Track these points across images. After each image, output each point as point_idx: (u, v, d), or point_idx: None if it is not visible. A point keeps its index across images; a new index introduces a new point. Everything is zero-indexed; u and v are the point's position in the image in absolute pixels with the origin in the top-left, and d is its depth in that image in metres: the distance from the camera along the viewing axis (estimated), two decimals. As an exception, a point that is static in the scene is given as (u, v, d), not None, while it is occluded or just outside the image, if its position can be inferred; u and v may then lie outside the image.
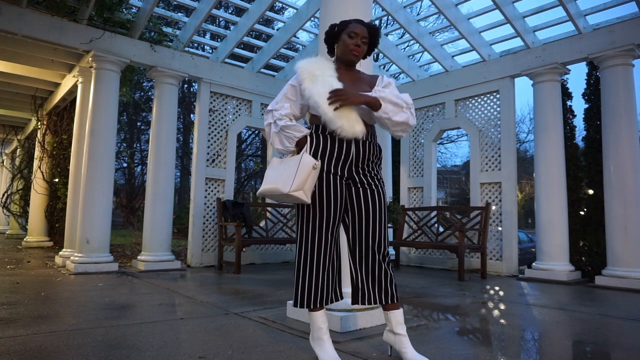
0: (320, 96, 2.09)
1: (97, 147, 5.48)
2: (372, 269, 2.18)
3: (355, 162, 2.19)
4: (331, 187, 2.14)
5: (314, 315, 2.19)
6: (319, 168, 2.10)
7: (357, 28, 2.26)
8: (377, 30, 2.34)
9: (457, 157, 42.79)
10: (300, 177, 2.03)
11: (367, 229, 2.17)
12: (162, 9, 6.27)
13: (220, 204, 6.15)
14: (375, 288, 2.19)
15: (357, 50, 2.24)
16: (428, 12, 10.50)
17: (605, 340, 2.75)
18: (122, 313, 3.16)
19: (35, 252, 7.80)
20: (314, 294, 2.15)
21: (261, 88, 7.06)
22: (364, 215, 2.18)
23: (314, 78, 2.15)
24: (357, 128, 2.11)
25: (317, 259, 2.14)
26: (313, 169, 2.05)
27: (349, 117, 2.10)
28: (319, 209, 2.13)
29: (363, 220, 2.18)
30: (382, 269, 2.17)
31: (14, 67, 6.80)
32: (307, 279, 2.15)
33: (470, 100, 6.69)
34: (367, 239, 2.17)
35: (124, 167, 19.74)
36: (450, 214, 6.82)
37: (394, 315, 2.19)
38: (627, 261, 4.92)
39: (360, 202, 2.18)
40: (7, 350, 2.23)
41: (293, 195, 2.03)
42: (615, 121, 5.12)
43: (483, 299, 4.12)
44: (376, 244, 2.17)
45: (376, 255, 2.17)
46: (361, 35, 2.25)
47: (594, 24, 5.45)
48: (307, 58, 2.30)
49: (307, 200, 2.07)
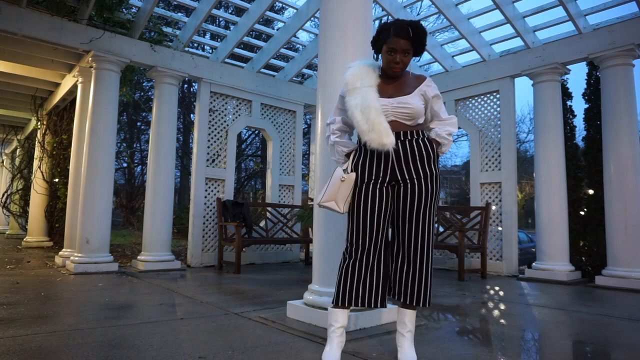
0: (356, 108, 2.16)
1: (97, 147, 5.48)
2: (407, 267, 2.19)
3: (398, 164, 2.20)
4: (369, 196, 2.20)
5: (331, 312, 2.24)
6: (350, 179, 2.21)
7: (397, 43, 2.15)
8: (419, 32, 2.19)
9: (457, 157, 42.72)
10: (330, 189, 2.22)
11: (409, 226, 2.19)
12: (162, 9, 6.26)
13: (220, 204, 6.15)
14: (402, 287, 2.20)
15: (397, 68, 2.21)
16: (428, 12, 10.50)
17: (605, 340, 2.74)
18: (122, 313, 3.16)
19: (35, 252, 7.80)
20: (342, 293, 2.20)
21: (261, 88, 7.06)
22: (404, 213, 2.20)
23: (354, 91, 2.21)
24: (386, 140, 2.11)
25: (359, 260, 2.19)
26: (341, 181, 2.21)
27: (379, 130, 2.11)
28: (355, 217, 2.22)
29: (401, 219, 2.21)
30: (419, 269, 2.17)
31: (14, 67, 6.79)
32: (341, 279, 2.22)
33: (471, 100, 6.69)
34: (408, 236, 2.19)
35: (124, 167, 19.73)
36: (450, 214, 6.82)
37: (401, 313, 2.25)
38: (627, 261, 4.92)
39: (400, 201, 2.21)
40: (7, 350, 2.23)
41: (324, 205, 2.24)
42: (615, 121, 5.12)
43: (483, 299, 4.12)
44: (418, 241, 2.17)
45: (422, 255, 2.17)
46: (401, 50, 2.17)
47: (594, 24, 5.45)
48: (357, 63, 2.31)
49: (339, 210, 2.23)
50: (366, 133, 2.13)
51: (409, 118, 2.21)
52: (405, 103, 2.19)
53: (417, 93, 2.24)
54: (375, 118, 2.12)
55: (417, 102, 2.21)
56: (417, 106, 2.20)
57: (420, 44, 2.21)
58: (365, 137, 2.14)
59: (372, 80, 2.24)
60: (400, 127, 2.22)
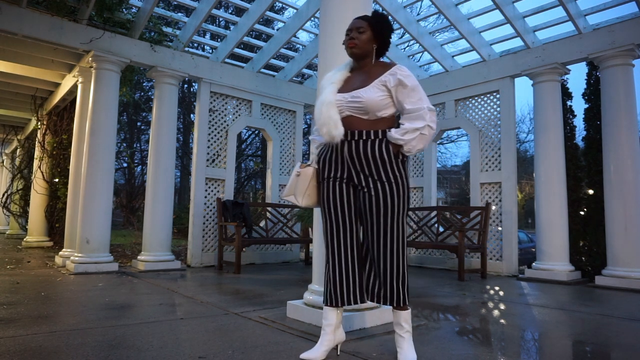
0: (317, 106, 2.20)
1: (97, 147, 5.48)
2: (376, 268, 2.18)
3: (353, 167, 2.16)
4: (330, 192, 2.22)
5: (323, 310, 2.30)
6: (305, 174, 2.27)
7: (352, 24, 2.26)
8: (378, 16, 2.23)
9: (457, 157, 42.80)
10: (289, 183, 2.32)
11: (371, 231, 2.16)
12: (162, 9, 6.26)
13: (220, 204, 6.15)
14: (376, 288, 2.22)
15: (352, 43, 2.21)
16: (428, 12, 10.49)
17: (605, 340, 2.75)
18: (122, 313, 3.16)
19: (35, 252, 7.79)
20: (327, 292, 2.27)
21: (261, 88, 7.06)
22: (366, 217, 2.18)
23: (322, 90, 2.27)
24: (334, 132, 2.09)
25: (332, 260, 2.24)
26: (297, 175, 2.29)
27: (328, 123, 2.10)
28: (324, 214, 2.27)
29: (365, 223, 2.20)
30: (389, 269, 2.13)
31: (14, 67, 6.79)
32: (325, 278, 2.30)
33: (470, 100, 6.69)
34: (372, 240, 2.16)
35: (124, 167, 19.73)
36: (450, 214, 6.82)
37: (395, 315, 2.21)
38: (627, 261, 4.92)
39: (360, 205, 2.20)
40: (7, 350, 2.23)
41: (286, 198, 2.35)
42: (615, 121, 5.12)
43: (483, 299, 4.12)
44: (380, 245, 2.13)
45: (386, 255, 2.13)
46: (355, 27, 2.23)
47: (594, 24, 5.44)
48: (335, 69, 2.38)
49: (299, 204, 2.30)
50: (320, 127, 2.14)
51: (362, 112, 2.14)
52: (356, 96, 2.14)
53: (376, 84, 2.14)
54: (326, 112, 2.12)
55: (370, 94, 2.11)
56: (369, 98, 2.10)
57: (380, 24, 2.20)
58: (320, 132, 2.15)
59: (338, 77, 2.27)
60: (357, 123, 2.15)
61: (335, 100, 2.17)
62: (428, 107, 2.08)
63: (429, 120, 2.07)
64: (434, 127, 2.09)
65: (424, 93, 2.16)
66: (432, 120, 2.08)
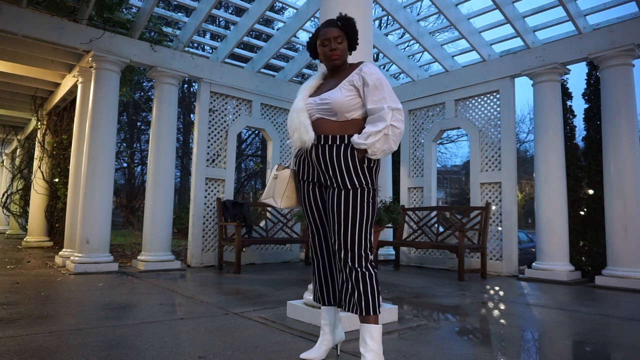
0: (289, 113, 2.24)
1: (97, 147, 5.48)
2: (343, 275, 2.08)
3: (320, 171, 2.14)
4: (305, 194, 2.26)
5: (322, 310, 2.31)
6: (282, 176, 2.26)
7: (327, 33, 2.17)
8: (347, 20, 2.21)
9: (457, 157, 42.80)
10: (268, 186, 2.31)
11: (335, 235, 2.07)
12: (162, 9, 6.27)
13: (220, 204, 6.15)
14: (342, 294, 2.12)
15: (335, 54, 2.17)
16: (428, 12, 10.50)
17: (605, 340, 2.75)
18: (122, 313, 3.16)
19: (35, 252, 7.79)
20: (314, 290, 2.32)
21: (261, 88, 7.06)
22: (330, 220, 2.11)
23: (297, 97, 2.28)
24: (305, 137, 2.11)
25: (314, 260, 2.30)
26: (274, 178, 2.28)
27: (299, 128, 2.13)
28: (304, 215, 2.31)
29: (330, 226, 2.12)
30: (352, 277, 2.01)
31: (14, 67, 6.79)
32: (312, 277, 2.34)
33: (470, 100, 6.69)
34: (336, 244, 2.07)
35: (124, 167, 19.74)
36: (450, 214, 6.82)
37: (361, 329, 1.99)
38: (627, 261, 4.92)
39: (327, 207, 2.16)
40: (7, 350, 2.23)
41: (264, 202, 2.31)
42: (615, 121, 5.12)
43: (483, 299, 4.12)
44: (342, 251, 2.04)
45: (347, 262, 2.02)
46: (333, 37, 2.17)
47: (594, 24, 5.45)
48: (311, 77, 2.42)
49: (277, 206, 2.27)
50: (291, 133, 2.18)
51: (331, 114, 2.10)
52: (324, 98, 2.13)
53: (344, 84, 2.11)
54: (296, 118, 2.15)
55: (337, 95, 2.08)
56: (335, 99, 2.07)
57: (351, 28, 2.22)
58: (292, 137, 2.19)
59: (311, 84, 2.30)
60: (326, 126, 2.12)
61: (306, 104, 2.19)
62: (389, 106, 1.99)
63: (391, 119, 1.98)
64: (398, 125, 2.00)
65: (390, 90, 2.06)
66: (396, 119, 1.99)
